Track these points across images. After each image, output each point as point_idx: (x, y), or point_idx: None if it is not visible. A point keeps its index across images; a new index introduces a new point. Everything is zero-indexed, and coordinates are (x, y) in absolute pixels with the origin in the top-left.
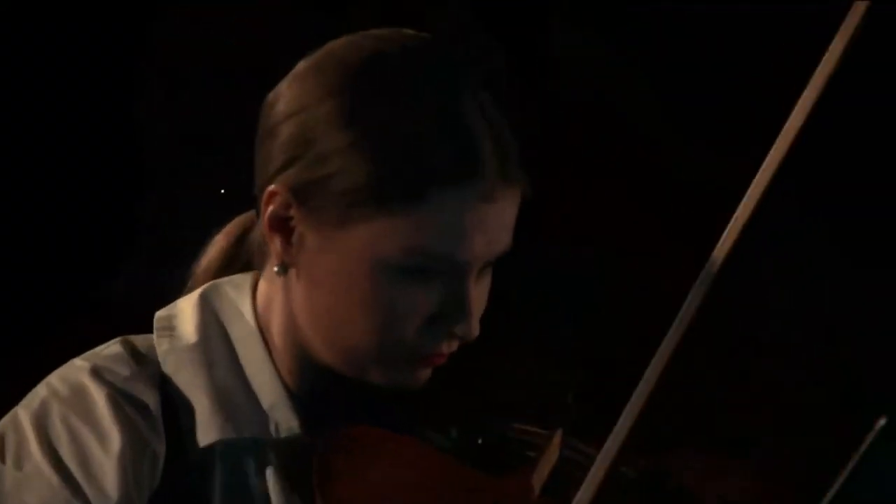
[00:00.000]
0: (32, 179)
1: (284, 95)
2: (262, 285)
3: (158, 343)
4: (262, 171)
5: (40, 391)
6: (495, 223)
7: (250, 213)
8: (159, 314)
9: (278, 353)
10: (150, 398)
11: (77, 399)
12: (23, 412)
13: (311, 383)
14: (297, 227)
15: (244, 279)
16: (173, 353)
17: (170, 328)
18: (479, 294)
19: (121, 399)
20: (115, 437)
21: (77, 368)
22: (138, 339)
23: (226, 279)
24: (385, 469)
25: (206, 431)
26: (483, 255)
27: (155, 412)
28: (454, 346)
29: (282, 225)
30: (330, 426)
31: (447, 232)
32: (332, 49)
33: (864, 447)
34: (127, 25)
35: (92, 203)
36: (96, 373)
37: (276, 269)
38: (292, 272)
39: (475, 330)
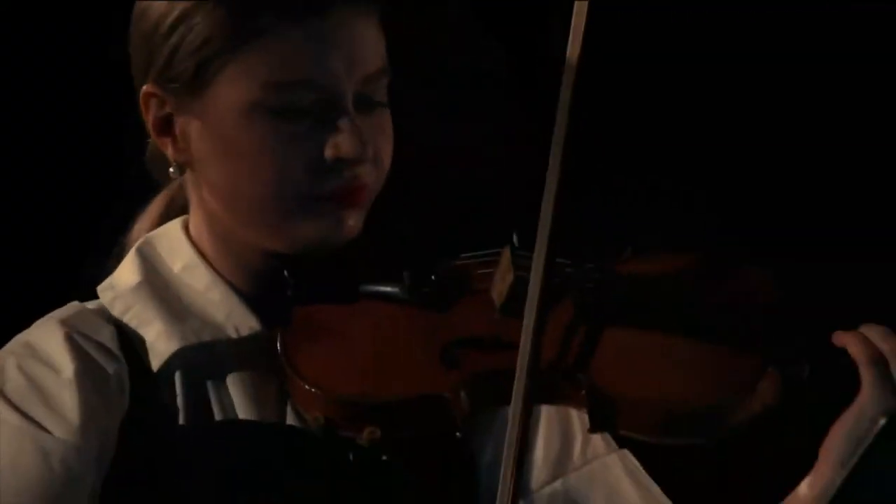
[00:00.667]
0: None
1: (136, 8)
2: (190, 216)
3: (103, 297)
4: (137, 84)
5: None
6: (345, 39)
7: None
8: (101, 285)
9: (221, 266)
10: (105, 330)
11: (29, 347)
12: None
13: (261, 281)
14: (177, 122)
15: (172, 224)
16: (119, 299)
17: (111, 286)
18: (369, 127)
19: (73, 334)
20: (66, 365)
21: (31, 328)
22: (87, 303)
23: (154, 232)
24: (344, 333)
25: (165, 343)
26: (346, 74)
27: (110, 341)
28: (362, 175)
29: (165, 126)
30: (283, 314)
31: (297, 56)
32: None
33: (863, 447)
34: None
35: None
36: (49, 321)
37: (171, 170)
38: (193, 173)
39: (361, 150)
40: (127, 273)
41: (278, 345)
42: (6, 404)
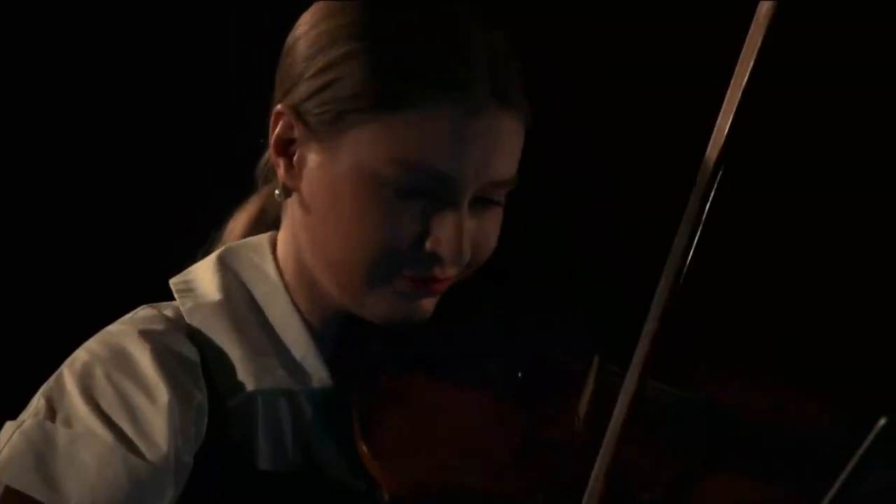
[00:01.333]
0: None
1: (301, 22)
2: (281, 239)
3: (182, 303)
4: (276, 97)
5: (80, 356)
6: (487, 143)
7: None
8: (174, 280)
9: (302, 303)
10: (189, 350)
11: (119, 358)
12: (67, 374)
13: (336, 330)
14: (299, 148)
15: (261, 238)
16: (199, 311)
17: (189, 290)
18: (477, 227)
19: (163, 353)
20: (161, 391)
21: (113, 333)
22: (161, 305)
23: (241, 241)
24: (424, 413)
25: (243, 380)
26: (474, 176)
27: (195, 364)
28: (449, 272)
29: (286, 147)
30: (361, 376)
31: (434, 143)
32: None
33: (864, 447)
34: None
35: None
36: (135, 332)
37: (277, 192)
38: (294, 201)
39: (463, 255)
40: (207, 281)
41: (354, 411)
42: (96, 418)
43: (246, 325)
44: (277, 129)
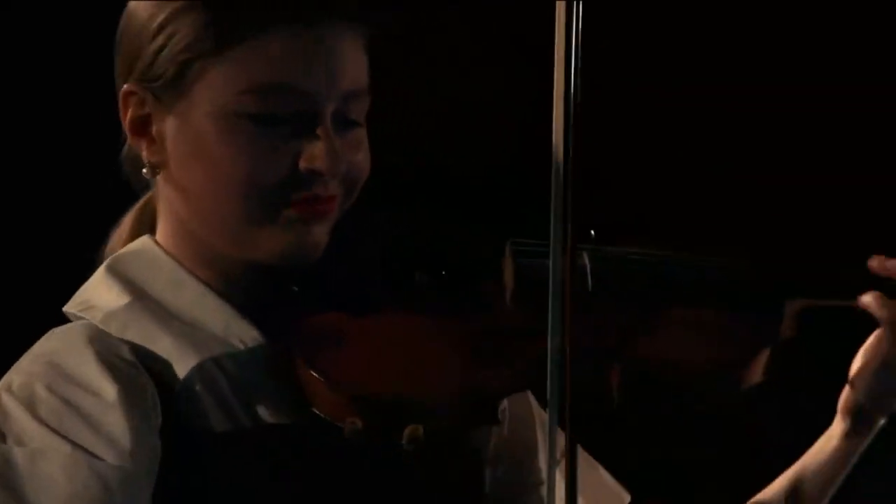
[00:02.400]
0: None
1: (129, 4)
2: (161, 229)
3: (92, 317)
4: (118, 83)
5: (14, 378)
6: (330, 53)
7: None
8: (69, 306)
9: (204, 276)
10: (123, 350)
11: (55, 370)
12: (6, 398)
13: (249, 287)
14: (155, 123)
15: (141, 240)
16: (112, 318)
17: (90, 307)
18: (346, 145)
19: (102, 353)
20: (107, 388)
21: (40, 352)
22: (70, 325)
23: (122, 250)
24: (367, 343)
25: (181, 357)
26: (326, 87)
27: (134, 361)
28: (330, 188)
29: (142, 126)
30: (291, 322)
31: (279, 63)
32: None
33: (864, 447)
34: None
35: None
36: (65, 344)
37: (144, 171)
38: (165, 179)
39: (336, 165)
40: (106, 293)
41: (297, 354)
42: (49, 432)
43: (161, 318)
44: (130, 111)
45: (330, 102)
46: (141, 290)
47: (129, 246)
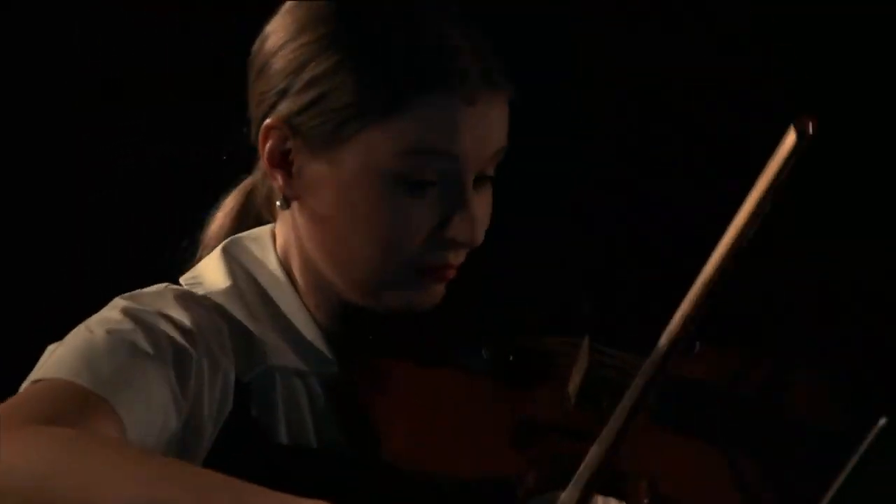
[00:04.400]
0: None
1: (272, 32)
2: (278, 234)
3: (194, 291)
4: (257, 111)
5: (118, 303)
6: (481, 123)
7: (252, 175)
8: (183, 277)
9: (304, 295)
10: (215, 320)
11: (154, 312)
12: (107, 309)
13: (339, 321)
14: (296, 159)
15: (262, 231)
16: (211, 296)
17: (198, 283)
18: (479, 203)
19: (195, 315)
20: (194, 342)
21: (143, 294)
22: (167, 286)
23: (243, 234)
24: (419, 396)
25: (260, 356)
26: (475, 152)
27: (222, 332)
28: (461, 256)
29: (281, 159)
30: (359, 362)
31: (436, 130)
32: None
33: (864, 447)
34: None
35: None
36: (168, 296)
37: (278, 203)
38: (298, 208)
39: (478, 235)
40: (213, 272)
41: (359, 397)
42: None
43: (256, 309)
44: (270, 143)
45: (478, 165)
46: (245, 276)
47: (250, 232)
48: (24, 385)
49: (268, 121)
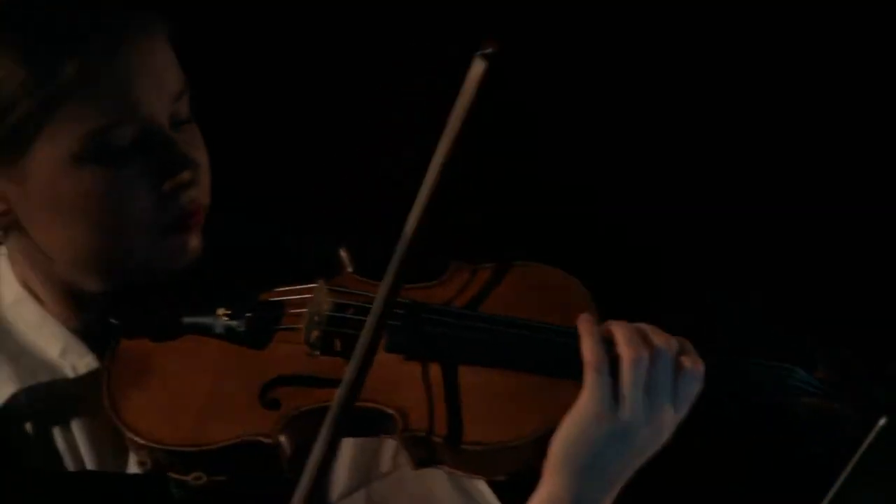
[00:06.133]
0: None
1: None
2: (11, 259)
3: None
4: None
5: None
6: (146, 67)
7: None
8: None
9: (50, 306)
10: None
11: None
12: None
13: (91, 316)
14: None
15: None
16: None
17: None
18: (185, 141)
19: None
20: None
21: None
22: None
23: None
24: (165, 374)
25: (3, 383)
26: (155, 100)
27: None
28: (198, 195)
29: None
30: (110, 349)
31: (108, 98)
32: None
33: (864, 447)
34: None
35: None
36: None
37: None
38: (18, 232)
39: (199, 175)
40: None
41: (104, 387)
42: None
43: None
44: None
45: (164, 112)
46: None
47: None
48: None
49: None
